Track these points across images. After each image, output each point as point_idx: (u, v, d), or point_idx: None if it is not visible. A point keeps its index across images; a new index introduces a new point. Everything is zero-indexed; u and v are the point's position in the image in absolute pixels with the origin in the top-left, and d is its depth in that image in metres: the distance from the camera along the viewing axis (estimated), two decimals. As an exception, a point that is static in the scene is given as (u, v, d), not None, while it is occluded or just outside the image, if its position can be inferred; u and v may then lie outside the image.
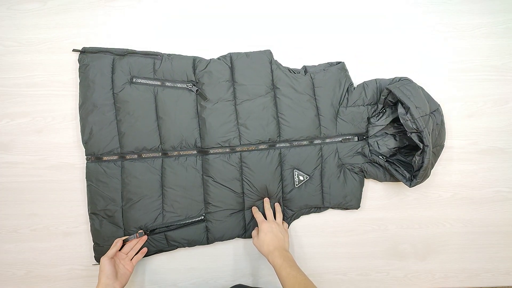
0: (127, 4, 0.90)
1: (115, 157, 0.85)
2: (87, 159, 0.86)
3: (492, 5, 0.89)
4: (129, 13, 0.90)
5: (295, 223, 0.90)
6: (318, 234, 0.91)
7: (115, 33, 0.90)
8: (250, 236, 0.86)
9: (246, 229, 0.87)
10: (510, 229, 0.90)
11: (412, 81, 0.82)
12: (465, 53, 0.89)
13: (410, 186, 0.79)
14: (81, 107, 0.85)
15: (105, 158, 0.85)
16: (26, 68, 0.90)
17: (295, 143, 0.86)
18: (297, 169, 0.86)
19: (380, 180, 0.87)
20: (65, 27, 0.90)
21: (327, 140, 0.86)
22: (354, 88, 0.86)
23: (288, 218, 0.88)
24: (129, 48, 0.87)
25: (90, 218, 0.87)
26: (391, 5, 0.89)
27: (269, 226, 0.81)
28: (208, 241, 0.87)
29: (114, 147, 0.85)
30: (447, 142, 0.89)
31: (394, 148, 0.86)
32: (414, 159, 0.77)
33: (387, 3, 0.89)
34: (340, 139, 0.86)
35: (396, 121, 0.84)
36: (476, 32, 0.89)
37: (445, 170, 0.90)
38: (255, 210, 0.86)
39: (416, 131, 0.76)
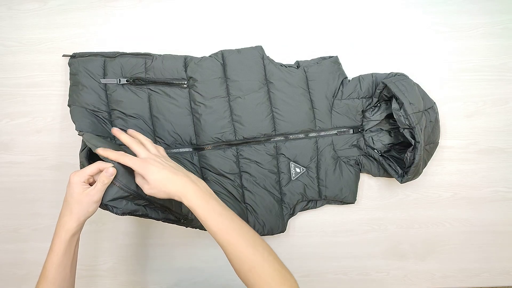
0: (127, 4, 0.90)
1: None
2: None
3: (491, 6, 0.89)
4: (129, 14, 0.90)
5: (295, 223, 0.91)
6: (318, 234, 0.91)
7: (115, 33, 0.90)
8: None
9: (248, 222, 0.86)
10: (510, 229, 0.91)
11: (408, 77, 0.82)
12: (464, 53, 0.89)
13: (401, 182, 0.80)
14: (73, 110, 0.85)
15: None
16: (26, 68, 0.90)
17: (291, 136, 0.86)
18: (293, 161, 0.86)
19: (374, 175, 0.88)
20: (65, 27, 0.90)
21: (322, 133, 0.86)
22: (349, 81, 0.86)
23: (286, 214, 0.87)
24: (126, 49, 0.87)
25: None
26: (390, 5, 0.89)
27: (148, 163, 0.61)
28: None
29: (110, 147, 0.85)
30: (447, 142, 0.89)
31: (389, 144, 0.87)
32: (406, 155, 0.78)
33: (386, 3, 0.89)
34: (335, 131, 0.86)
35: (391, 117, 0.85)
36: (475, 32, 0.89)
37: (445, 170, 0.90)
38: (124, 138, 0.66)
39: (408, 127, 0.77)
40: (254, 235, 0.62)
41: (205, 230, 0.82)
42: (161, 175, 0.60)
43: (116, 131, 0.70)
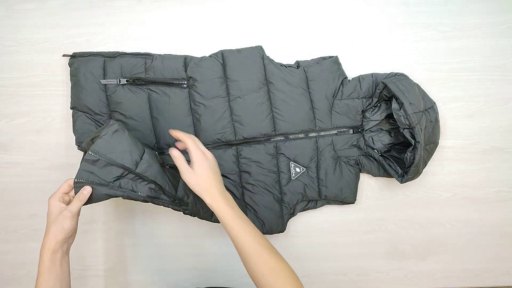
0: (126, 4, 0.90)
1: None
2: None
3: (493, 5, 0.88)
4: (129, 13, 0.90)
5: (295, 223, 0.90)
6: (318, 234, 0.91)
7: (115, 33, 0.90)
8: None
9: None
10: (511, 229, 0.90)
11: (408, 77, 0.82)
12: (465, 53, 0.89)
13: (401, 182, 0.80)
14: (74, 110, 0.85)
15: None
16: (26, 68, 0.90)
17: (291, 136, 0.86)
18: (293, 161, 0.86)
19: (374, 175, 0.88)
20: (65, 27, 0.90)
21: (322, 133, 0.86)
22: (349, 81, 0.86)
23: (286, 214, 0.87)
24: (126, 49, 0.87)
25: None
26: (390, 5, 0.89)
27: (208, 160, 0.69)
28: (212, 217, 0.83)
29: None
30: (448, 142, 0.89)
31: (389, 144, 0.87)
32: (406, 155, 0.78)
33: (387, 3, 0.89)
34: (335, 131, 0.86)
35: (391, 117, 0.85)
36: (476, 32, 0.88)
37: (445, 170, 0.90)
38: (178, 135, 0.71)
39: (408, 127, 0.77)
40: (268, 242, 0.69)
41: (200, 217, 0.80)
42: (207, 178, 0.68)
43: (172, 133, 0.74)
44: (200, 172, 0.67)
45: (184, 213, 0.79)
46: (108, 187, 0.69)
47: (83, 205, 0.68)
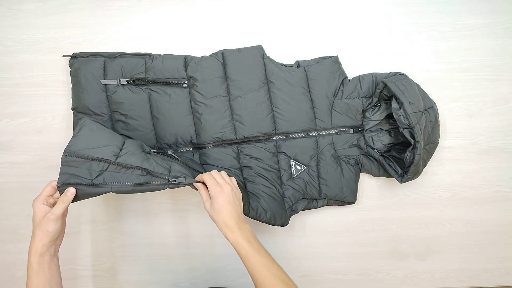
0: (127, 4, 0.90)
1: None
2: None
3: (493, 5, 0.89)
4: (129, 13, 0.90)
5: (295, 223, 0.90)
6: (318, 234, 0.91)
7: (115, 33, 0.90)
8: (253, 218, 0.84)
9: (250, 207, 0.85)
10: (510, 229, 0.90)
11: (408, 77, 0.83)
12: (465, 53, 0.89)
13: (401, 182, 0.81)
14: (75, 111, 0.85)
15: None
16: (26, 68, 0.90)
17: (291, 135, 0.86)
18: (293, 159, 0.86)
19: (374, 175, 0.88)
20: (65, 27, 0.90)
21: (322, 133, 0.86)
22: (349, 81, 0.86)
23: (287, 209, 0.87)
24: (126, 49, 0.87)
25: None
26: (390, 5, 0.89)
27: (224, 193, 0.69)
28: None
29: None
30: (447, 142, 0.89)
31: (389, 144, 0.87)
32: (405, 155, 0.79)
33: (386, 3, 0.89)
34: (335, 131, 0.86)
35: (391, 117, 0.85)
36: (476, 32, 0.89)
37: (445, 170, 0.90)
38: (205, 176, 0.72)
39: (408, 127, 0.77)
40: (284, 273, 0.68)
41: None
42: (222, 211, 0.68)
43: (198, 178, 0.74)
44: (215, 205, 0.68)
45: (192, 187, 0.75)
46: (92, 186, 0.68)
47: (72, 202, 0.67)
